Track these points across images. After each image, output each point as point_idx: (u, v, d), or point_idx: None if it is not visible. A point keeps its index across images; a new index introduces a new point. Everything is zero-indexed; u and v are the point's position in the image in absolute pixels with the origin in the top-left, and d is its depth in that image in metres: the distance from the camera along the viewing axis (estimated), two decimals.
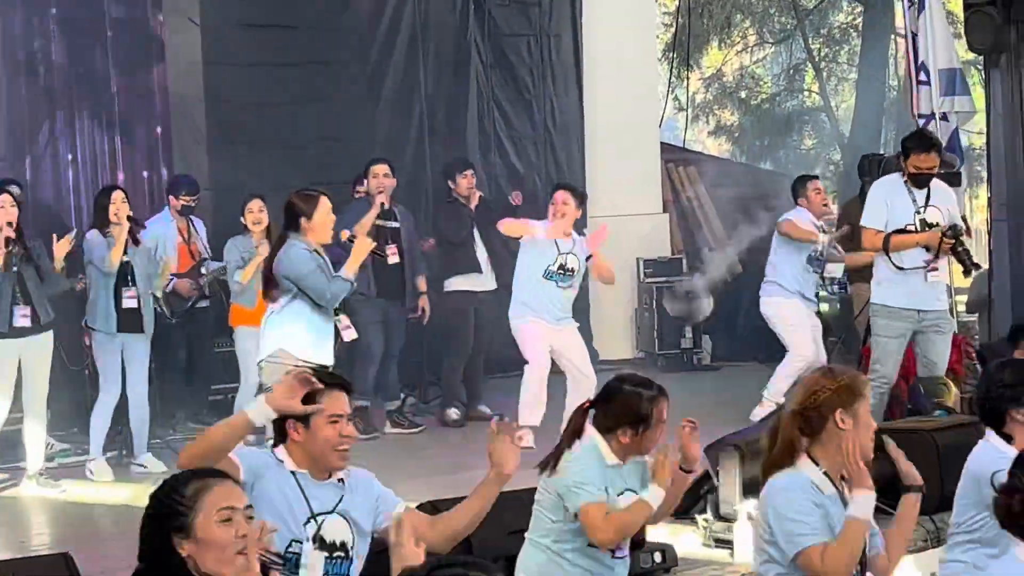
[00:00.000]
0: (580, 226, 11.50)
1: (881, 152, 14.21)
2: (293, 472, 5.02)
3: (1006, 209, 12.45)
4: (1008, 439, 5.88)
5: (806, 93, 29.59)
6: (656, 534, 7.38)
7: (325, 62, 13.70)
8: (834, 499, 5.03)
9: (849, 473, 5.01)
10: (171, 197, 11.95)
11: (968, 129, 17.46)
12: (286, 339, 8.50)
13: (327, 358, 8.45)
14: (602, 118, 15.82)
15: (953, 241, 9.73)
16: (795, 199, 12.21)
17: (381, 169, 11.69)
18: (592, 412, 5.84)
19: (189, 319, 11.82)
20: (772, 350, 12.56)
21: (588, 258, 10.82)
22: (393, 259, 11.57)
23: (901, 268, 9.75)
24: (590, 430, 5.79)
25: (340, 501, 5.08)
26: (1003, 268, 12.50)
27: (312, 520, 5.00)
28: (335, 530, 5.06)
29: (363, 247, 8.86)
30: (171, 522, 3.81)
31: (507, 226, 11.20)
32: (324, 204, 8.60)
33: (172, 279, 11.40)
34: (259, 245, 10.74)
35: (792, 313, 11.87)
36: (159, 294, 10.87)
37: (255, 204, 11.11)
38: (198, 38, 13.07)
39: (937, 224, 9.77)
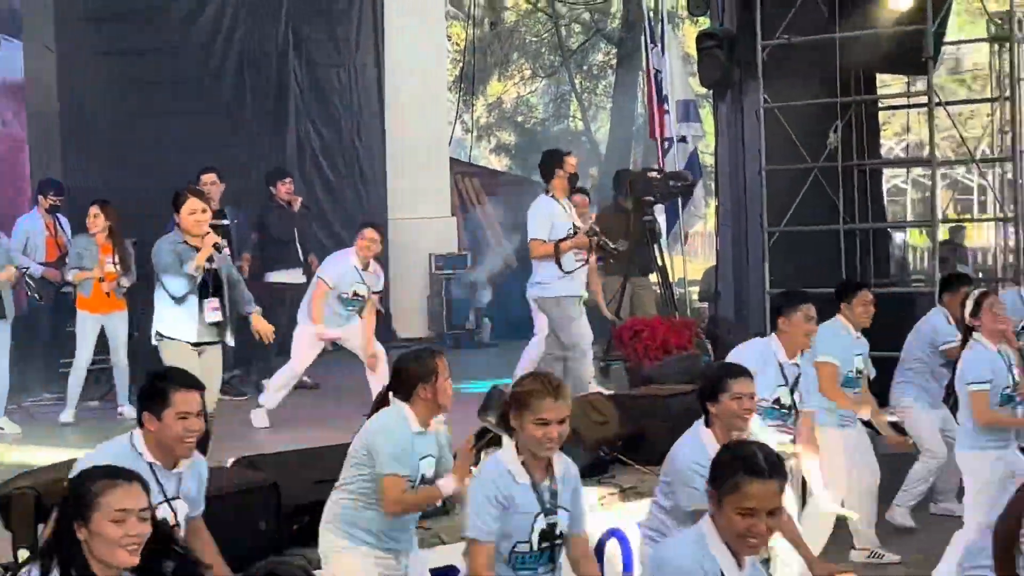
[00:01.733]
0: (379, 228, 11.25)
1: (630, 168, 14.42)
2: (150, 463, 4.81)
3: (729, 216, 12.64)
4: None
5: (571, 119, 29.97)
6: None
7: (168, 83, 13.56)
8: (525, 488, 4.76)
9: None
10: (40, 197, 11.74)
11: (704, 150, 17.84)
12: (158, 321, 8.41)
13: (191, 335, 8.29)
14: (401, 136, 15.88)
15: (596, 238, 9.94)
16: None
17: (209, 177, 11.55)
18: (391, 393, 5.67)
19: (54, 302, 11.55)
20: None
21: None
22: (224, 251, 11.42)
23: (568, 272, 9.83)
24: (395, 403, 5.61)
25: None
26: (727, 264, 12.65)
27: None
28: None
29: (207, 244, 8.59)
30: (76, 510, 3.78)
31: None
32: (190, 202, 8.45)
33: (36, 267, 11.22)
34: (101, 245, 10.49)
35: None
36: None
37: (93, 209, 10.74)
38: (54, 63, 12.81)
39: (577, 227, 9.92)
